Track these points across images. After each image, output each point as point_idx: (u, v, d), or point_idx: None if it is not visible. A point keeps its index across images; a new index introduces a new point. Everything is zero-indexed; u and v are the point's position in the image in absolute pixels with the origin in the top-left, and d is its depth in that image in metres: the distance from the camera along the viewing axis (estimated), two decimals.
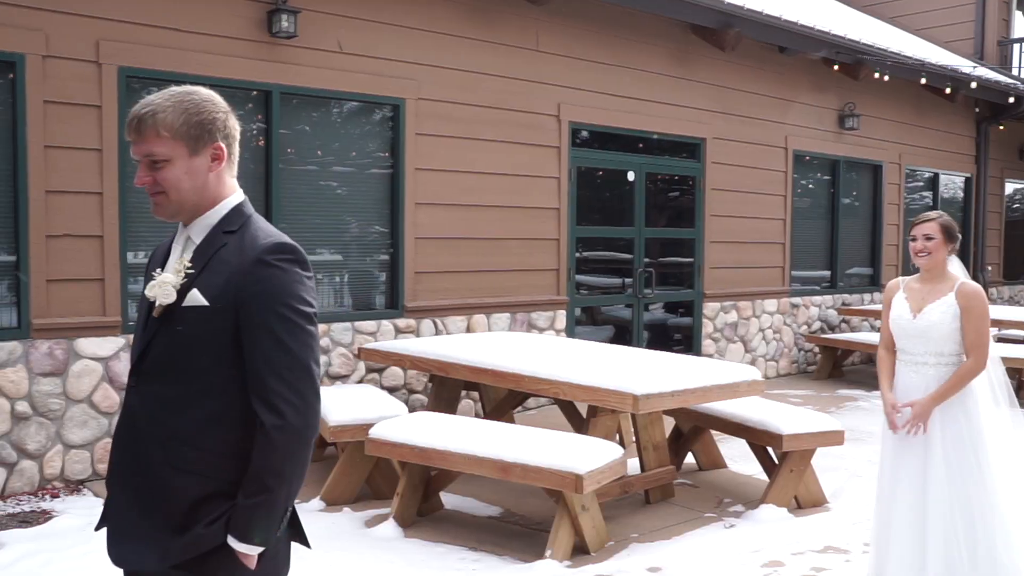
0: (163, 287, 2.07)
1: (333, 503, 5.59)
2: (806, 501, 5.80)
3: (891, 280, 4.50)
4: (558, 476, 4.59)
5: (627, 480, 5.53)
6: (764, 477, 6.08)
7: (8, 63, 5.62)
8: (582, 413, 6.36)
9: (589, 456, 4.70)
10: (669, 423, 6.71)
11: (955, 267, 4.26)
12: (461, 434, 5.06)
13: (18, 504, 5.52)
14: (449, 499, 5.71)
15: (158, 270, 2.14)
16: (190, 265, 2.08)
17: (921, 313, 4.14)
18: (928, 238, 4.17)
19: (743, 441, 6.19)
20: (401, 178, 7.40)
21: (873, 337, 10.46)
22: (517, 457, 4.74)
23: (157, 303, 2.09)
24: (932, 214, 4.26)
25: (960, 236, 4.28)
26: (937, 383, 4.06)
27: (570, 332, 8.74)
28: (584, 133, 8.80)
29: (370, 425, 5.42)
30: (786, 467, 5.67)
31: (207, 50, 6.33)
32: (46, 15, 5.73)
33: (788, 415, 5.81)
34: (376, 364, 7.24)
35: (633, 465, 5.79)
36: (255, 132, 6.64)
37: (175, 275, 2.08)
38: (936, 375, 4.08)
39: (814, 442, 5.66)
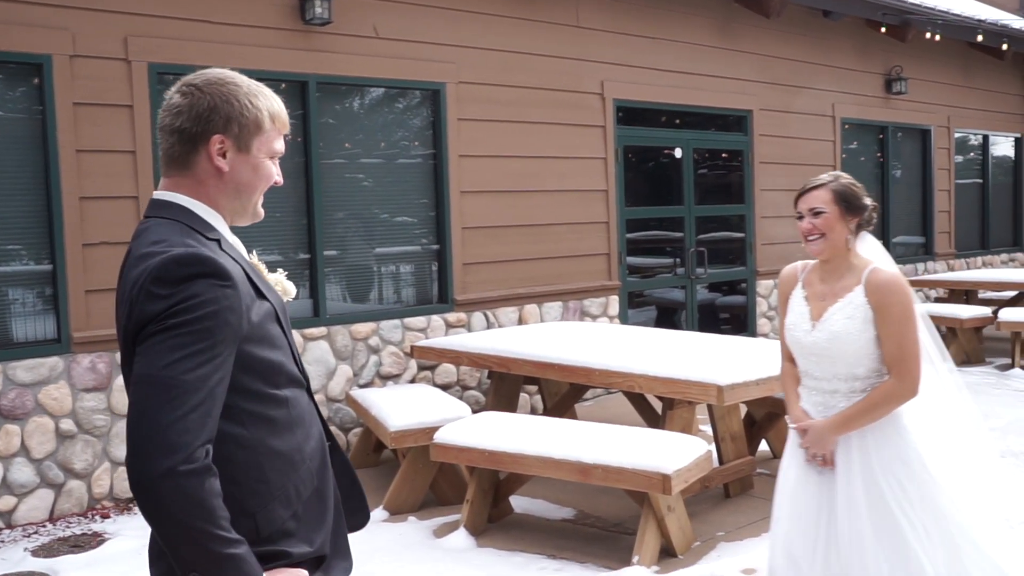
0: (285, 283, 2.00)
1: (397, 512, 5.31)
2: None
3: (789, 266, 3.23)
4: (643, 477, 4.27)
5: (706, 474, 5.21)
6: None
7: (35, 65, 5.35)
8: (652, 404, 6.03)
9: (673, 453, 4.38)
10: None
11: (867, 249, 3.03)
12: (532, 435, 4.75)
13: (68, 527, 5.27)
14: (518, 502, 5.41)
15: (254, 271, 1.86)
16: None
17: (821, 321, 2.96)
18: (816, 213, 2.98)
19: None
20: (445, 166, 7.08)
21: (929, 309, 10.04)
22: (597, 458, 4.42)
23: (286, 300, 1.97)
24: (822, 178, 3.04)
25: (869, 205, 3.01)
26: None
27: (623, 318, 8.40)
28: (628, 111, 8.43)
29: (434, 429, 5.12)
30: None
31: (239, 41, 6.03)
32: (72, 13, 5.44)
33: None
34: (428, 361, 6.94)
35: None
36: (292, 125, 6.34)
37: (275, 272, 1.99)
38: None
39: None
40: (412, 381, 6.98)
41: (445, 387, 7.16)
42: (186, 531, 1.50)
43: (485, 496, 5.00)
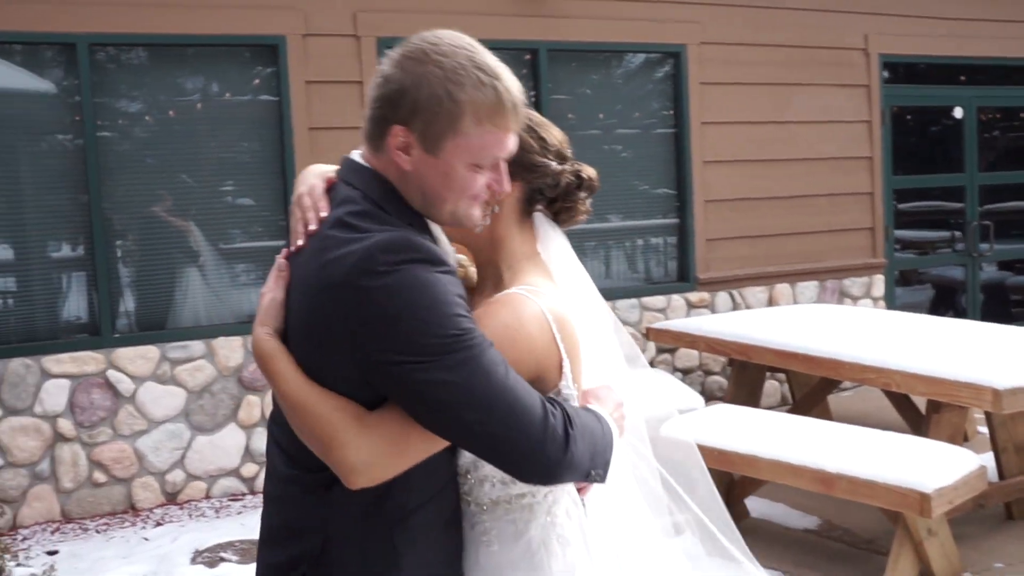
0: (470, 269, 1.85)
1: None
2: None
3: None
4: (897, 494, 3.64)
5: (982, 491, 4.44)
6: None
7: (270, 47, 5.44)
8: (916, 403, 5.27)
9: (936, 467, 3.71)
10: None
11: (552, 251, 1.76)
12: (770, 434, 4.23)
13: None
14: (755, 504, 4.90)
15: None
16: None
17: None
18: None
19: None
20: (686, 134, 6.58)
21: None
22: (842, 467, 3.84)
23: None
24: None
25: (551, 165, 1.70)
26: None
27: (889, 300, 7.52)
28: (897, 66, 7.49)
29: (661, 421, 4.71)
30: None
31: (467, 10, 5.85)
32: None
33: None
34: (667, 344, 6.51)
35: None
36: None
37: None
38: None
39: None
40: (649, 364, 6.59)
41: (686, 372, 6.71)
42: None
43: None
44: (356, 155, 1.58)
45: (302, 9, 5.47)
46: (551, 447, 1.43)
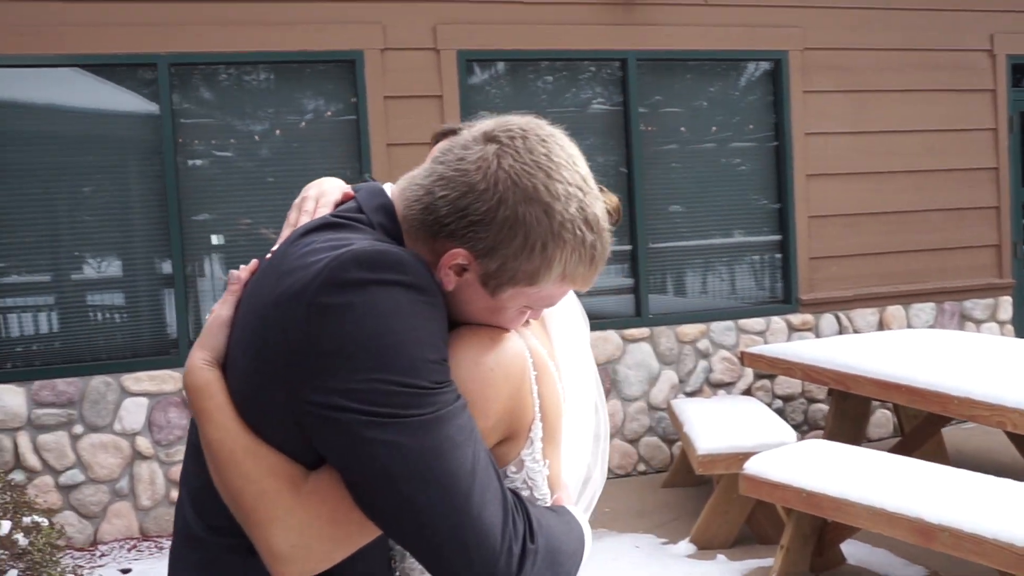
0: None
1: (705, 547, 4.62)
2: None
3: None
4: (1008, 553, 3.21)
5: None
6: None
7: (348, 62, 5.35)
8: None
9: None
10: None
11: None
12: (865, 475, 3.83)
13: None
14: (853, 549, 4.47)
15: None
16: None
17: None
18: None
19: None
20: (788, 146, 6.18)
21: None
22: (944, 517, 3.42)
23: None
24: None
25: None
26: None
27: (1018, 324, 6.90)
28: None
29: (747, 455, 4.37)
30: None
31: (552, 20, 5.63)
32: (383, 6, 5.38)
33: None
34: (763, 370, 6.12)
35: None
36: (611, 108, 5.84)
37: None
38: None
39: None
40: (747, 391, 6.20)
41: (786, 400, 6.29)
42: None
43: (805, 543, 4.16)
44: (387, 187, 1.30)
45: (380, 23, 5.37)
46: (501, 564, 1.09)
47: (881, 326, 6.48)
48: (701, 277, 6.26)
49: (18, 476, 4.97)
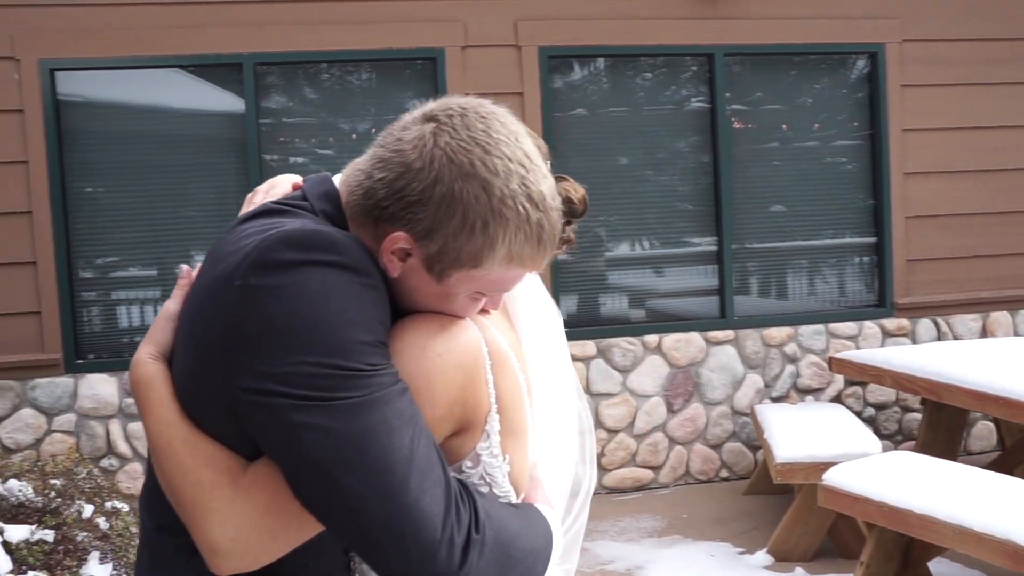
0: None
1: (783, 559, 4.46)
2: None
3: None
4: None
5: None
6: None
7: (429, 59, 5.36)
8: None
9: None
10: None
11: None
12: (954, 492, 3.63)
13: None
14: (942, 568, 4.26)
15: None
16: None
17: None
18: None
19: None
20: (884, 143, 5.93)
21: None
22: None
23: None
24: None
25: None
26: None
27: None
28: None
29: (828, 465, 4.19)
30: None
31: (636, 15, 5.53)
32: (465, 4, 5.37)
33: None
34: (852, 377, 5.89)
35: None
36: (696, 106, 5.70)
37: None
38: None
39: None
40: (836, 398, 5.97)
41: (879, 408, 6.03)
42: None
43: (888, 559, 3.96)
44: (336, 178, 1.28)
45: (461, 20, 5.35)
46: (442, 555, 1.04)
47: (984, 333, 6.16)
48: (788, 278, 6.05)
49: (110, 462, 5.15)
